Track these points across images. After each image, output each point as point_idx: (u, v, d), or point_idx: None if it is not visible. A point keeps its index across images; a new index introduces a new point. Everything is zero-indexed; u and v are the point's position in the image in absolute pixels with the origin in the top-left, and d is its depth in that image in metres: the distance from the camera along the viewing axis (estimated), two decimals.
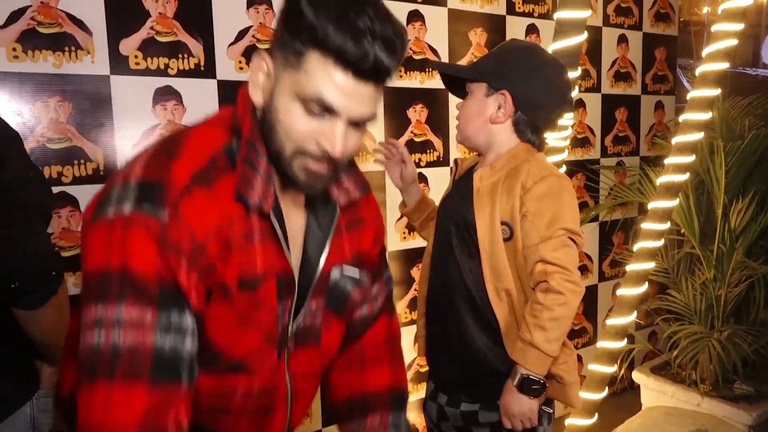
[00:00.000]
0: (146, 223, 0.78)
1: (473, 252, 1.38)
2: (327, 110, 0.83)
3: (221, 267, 0.84)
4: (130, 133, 1.79)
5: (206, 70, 1.89)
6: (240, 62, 1.95)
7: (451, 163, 1.64)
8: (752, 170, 2.54)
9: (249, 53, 1.96)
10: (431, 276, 1.51)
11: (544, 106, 1.41)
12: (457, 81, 1.50)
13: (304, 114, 0.83)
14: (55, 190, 1.69)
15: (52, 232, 1.69)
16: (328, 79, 0.81)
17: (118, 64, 1.75)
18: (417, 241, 2.42)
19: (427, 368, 1.61)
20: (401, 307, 2.42)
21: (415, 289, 2.43)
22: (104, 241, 0.79)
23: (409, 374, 2.45)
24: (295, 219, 0.96)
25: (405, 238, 2.42)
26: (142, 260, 0.78)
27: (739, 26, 2.34)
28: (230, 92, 1.94)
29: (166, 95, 1.84)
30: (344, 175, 0.99)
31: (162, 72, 1.82)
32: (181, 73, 1.85)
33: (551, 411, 1.46)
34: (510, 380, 1.35)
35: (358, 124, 0.87)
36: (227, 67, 1.93)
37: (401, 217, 2.35)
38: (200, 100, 1.89)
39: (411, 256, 2.44)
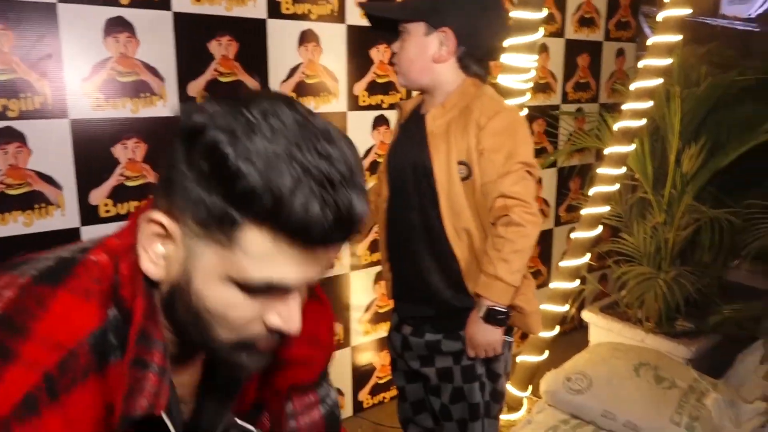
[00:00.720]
0: None
1: (431, 194, 1.39)
2: (277, 291, 0.62)
3: None
4: (80, 65, 1.71)
5: (161, 1, 1.80)
6: None
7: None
8: (705, 117, 2.61)
9: None
10: (390, 221, 1.53)
11: (486, 37, 1.39)
12: (387, 21, 1.44)
13: (243, 298, 0.62)
14: (0, 125, 1.62)
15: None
16: (283, 261, 0.59)
17: None
18: None
19: (385, 309, 1.65)
20: (362, 248, 2.45)
21: (376, 233, 2.45)
22: None
23: (368, 315, 2.51)
24: (191, 376, 0.75)
25: None
26: None
27: None
28: (186, 25, 1.86)
29: (118, 26, 1.75)
30: None
31: (113, 1, 1.73)
32: (135, 4, 1.76)
33: (512, 340, 1.54)
34: (476, 311, 1.39)
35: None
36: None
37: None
38: (155, 33, 1.81)
39: None
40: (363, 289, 2.47)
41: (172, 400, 0.68)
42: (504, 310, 1.38)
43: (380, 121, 2.39)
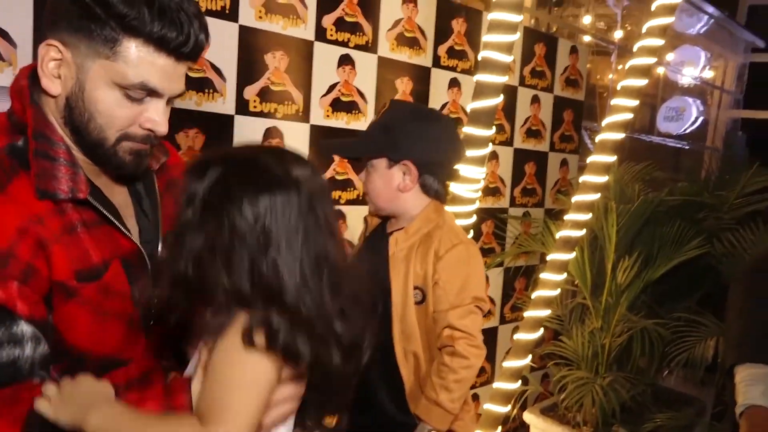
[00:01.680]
0: None
1: (385, 314, 1.44)
2: (150, 93, 0.87)
3: (44, 267, 0.82)
4: None
5: None
6: None
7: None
8: (640, 231, 2.81)
9: None
10: None
11: (444, 163, 1.51)
12: None
13: (124, 100, 0.85)
14: None
15: None
16: (151, 66, 0.84)
17: None
18: None
19: None
20: None
21: None
22: None
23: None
24: (120, 196, 0.96)
25: None
26: None
27: (635, 102, 2.61)
28: None
29: None
30: None
31: None
32: None
33: None
34: None
35: (171, 102, 0.92)
36: None
37: None
38: None
39: None
40: None
41: (100, 196, 0.89)
42: None
43: (337, 216, 2.47)
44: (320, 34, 2.32)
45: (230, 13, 2.04)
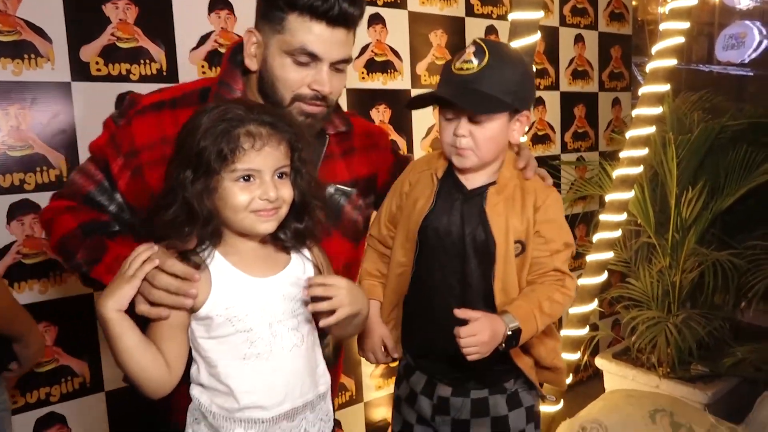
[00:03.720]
0: (109, 124, 1.19)
1: (483, 269, 1.36)
2: (312, 57, 1.09)
3: (149, 173, 1.12)
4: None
5: (168, 75, 1.92)
6: (203, 67, 1.98)
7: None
8: (702, 162, 2.66)
9: (211, 58, 1.99)
10: (418, 281, 1.43)
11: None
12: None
13: (294, 66, 1.10)
14: (18, 197, 1.70)
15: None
16: (308, 32, 1.07)
17: (80, 70, 1.76)
18: None
19: (397, 364, 1.59)
20: None
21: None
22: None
23: (380, 369, 2.51)
24: None
25: None
26: (100, 145, 1.19)
27: (686, 25, 2.45)
28: None
29: None
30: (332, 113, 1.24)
31: (124, 78, 1.84)
32: (143, 79, 1.87)
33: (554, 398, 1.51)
34: (502, 319, 1.26)
35: (338, 68, 1.13)
36: (190, 72, 1.95)
37: None
38: None
39: None
40: None
41: None
42: (514, 343, 1.30)
43: None
44: None
45: None
